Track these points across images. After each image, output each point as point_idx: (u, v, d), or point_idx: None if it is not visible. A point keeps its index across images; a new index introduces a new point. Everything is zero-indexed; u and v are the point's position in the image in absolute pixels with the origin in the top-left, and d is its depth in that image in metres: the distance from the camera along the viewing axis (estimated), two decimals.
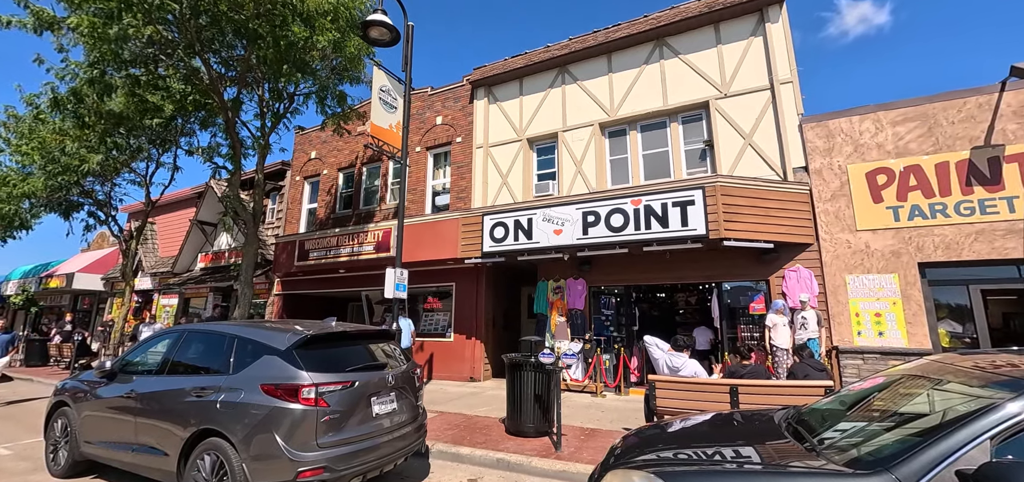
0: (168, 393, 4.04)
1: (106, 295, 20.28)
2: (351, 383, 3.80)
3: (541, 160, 11.90)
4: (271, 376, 3.62)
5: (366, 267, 12.12)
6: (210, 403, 3.71)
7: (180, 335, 4.48)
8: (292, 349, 3.75)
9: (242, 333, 4.05)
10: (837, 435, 2.46)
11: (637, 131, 10.87)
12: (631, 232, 8.75)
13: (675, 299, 12.31)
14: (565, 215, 9.34)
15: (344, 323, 4.88)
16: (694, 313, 12.05)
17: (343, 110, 11.08)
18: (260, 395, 3.56)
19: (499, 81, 12.56)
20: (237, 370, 3.82)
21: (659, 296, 12.39)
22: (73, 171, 10.71)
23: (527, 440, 5.79)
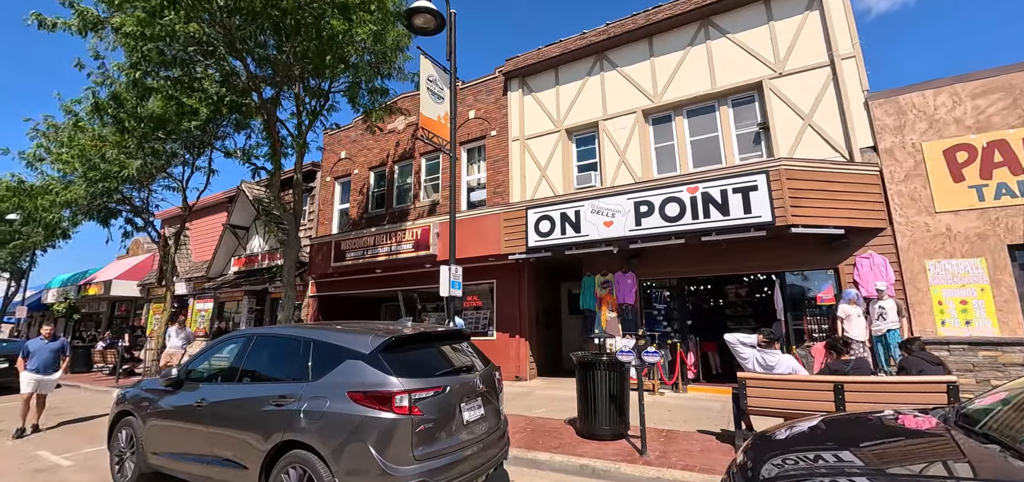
0: (243, 402, 3.79)
1: (142, 301, 20.55)
2: (443, 388, 3.49)
3: (581, 151, 11.50)
4: (359, 383, 3.34)
5: (404, 266, 11.89)
6: (292, 413, 3.44)
7: (248, 340, 4.23)
8: (377, 353, 3.46)
9: (318, 336, 3.78)
10: None
11: (683, 117, 10.39)
12: (688, 221, 8.31)
13: (724, 292, 11.81)
14: (615, 206, 8.94)
15: (420, 324, 4.59)
16: (745, 306, 11.54)
17: (383, 103, 10.87)
18: (348, 404, 3.28)
19: (533, 71, 12.19)
20: (317, 376, 3.55)
21: (705, 289, 11.89)
22: (113, 177, 10.70)
23: (604, 443, 5.44)
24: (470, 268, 11.59)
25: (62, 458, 5.99)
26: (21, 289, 20.60)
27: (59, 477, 5.35)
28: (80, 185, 10.80)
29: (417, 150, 13.76)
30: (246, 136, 11.41)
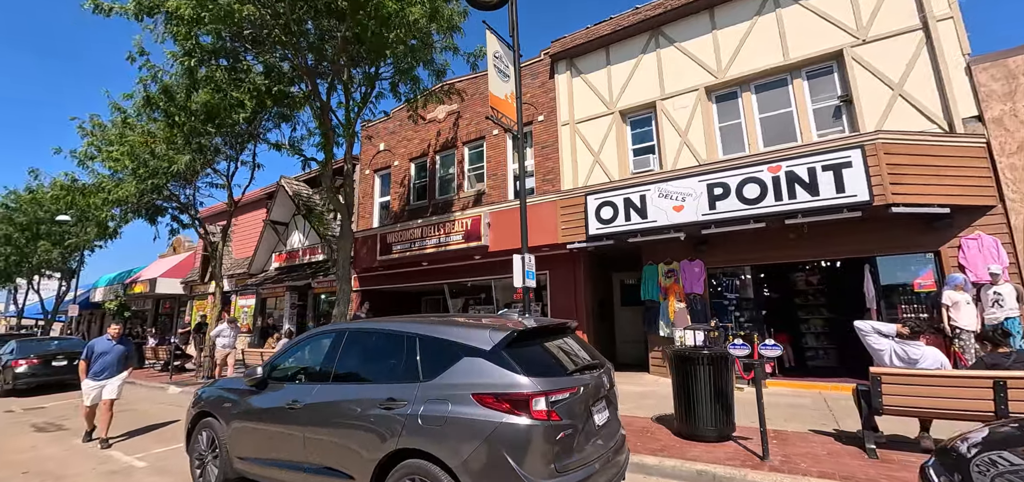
0: (344, 405, 3.43)
1: (186, 298, 20.86)
2: (577, 389, 3.06)
3: (636, 133, 10.91)
4: (486, 384, 2.92)
5: (452, 258, 11.54)
6: (406, 417, 3.05)
7: (339, 337, 3.87)
8: (500, 349, 3.05)
9: (426, 331, 3.38)
10: None
11: (751, 92, 9.69)
12: (770, 204, 7.67)
13: (792, 279, 11.07)
14: (686, 189, 8.35)
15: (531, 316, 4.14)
16: (816, 294, 10.79)
17: (426, 90, 10.49)
18: (475, 408, 2.87)
19: (582, 52, 11.62)
20: (430, 376, 3.16)
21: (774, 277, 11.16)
22: (162, 173, 10.63)
23: (711, 445, 4.95)
24: None
25: (135, 459, 5.82)
26: (72, 288, 21.15)
27: (135, 480, 5.15)
28: (131, 182, 10.77)
29: (459, 139, 13.38)
30: (291, 128, 11.20)
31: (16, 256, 19.93)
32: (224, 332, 11.49)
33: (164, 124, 10.03)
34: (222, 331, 11.52)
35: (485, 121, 12.92)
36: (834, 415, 6.23)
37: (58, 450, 6.36)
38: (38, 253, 19.57)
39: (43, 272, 21.86)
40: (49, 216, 18.79)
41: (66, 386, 12.09)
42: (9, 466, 5.70)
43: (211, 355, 12.31)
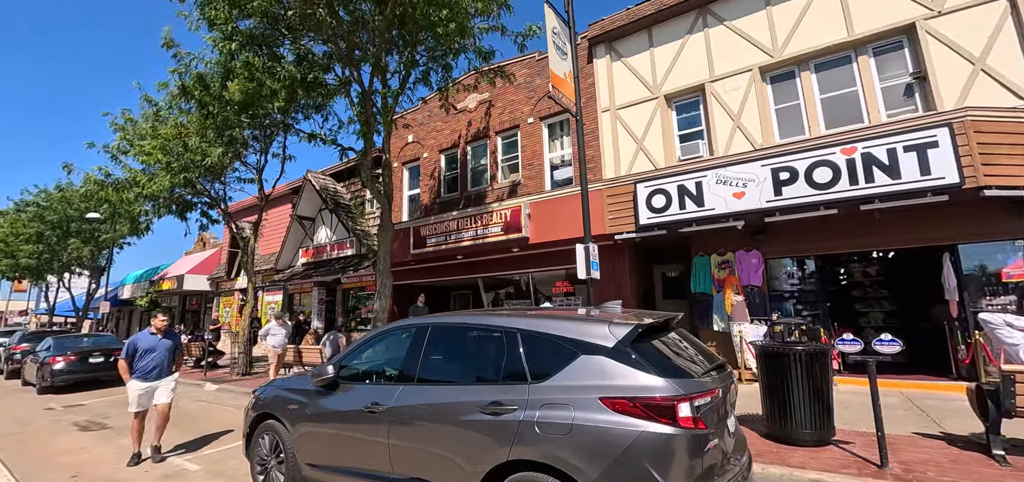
0: (436, 408, 3.07)
1: (212, 295, 20.88)
2: (716, 392, 2.65)
3: (682, 118, 10.39)
4: (616, 386, 2.54)
5: (490, 251, 11.18)
6: (517, 424, 2.68)
7: (421, 332, 3.51)
8: (626, 346, 2.65)
9: (530, 326, 3.00)
10: None
11: (810, 71, 9.11)
12: (844, 188, 7.15)
13: (849, 270, 10.49)
14: (747, 174, 7.85)
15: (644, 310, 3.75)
16: (875, 285, 10.20)
17: (454, 80, 10.13)
18: (606, 414, 2.49)
19: (622, 34, 11.11)
20: (541, 377, 2.78)
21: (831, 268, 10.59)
22: (195, 167, 10.43)
23: (811, 450, 4.51)
24: (560, 251, 10.75)
25: (186, 461, 5.58)
26: (102, 285, 21.33)
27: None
28: (164, 176, 10.60)
29: (492, 129, 12.99)
30: (323, 119, 10.91)
31: (48, 254, 20.15)
32: (273, 330, 11.01)
33: (196, 116, 9.81)
34: (271, 329, 11.08)
35: (519, 109, 12.53)
36: (929, 415, 5.74)
37: (107, 451, 6.16)
38: (69, 250, 19.74)
39: (73, 270, 22.10)
40: (79, 214, 18.93)
41: (102, 383, 12.05)
42: (60, 468, 5.50)
43: (246, 351, 12.15)
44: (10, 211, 21.19)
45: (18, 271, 21.58)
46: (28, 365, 12.76)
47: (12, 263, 20.66)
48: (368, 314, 15.27)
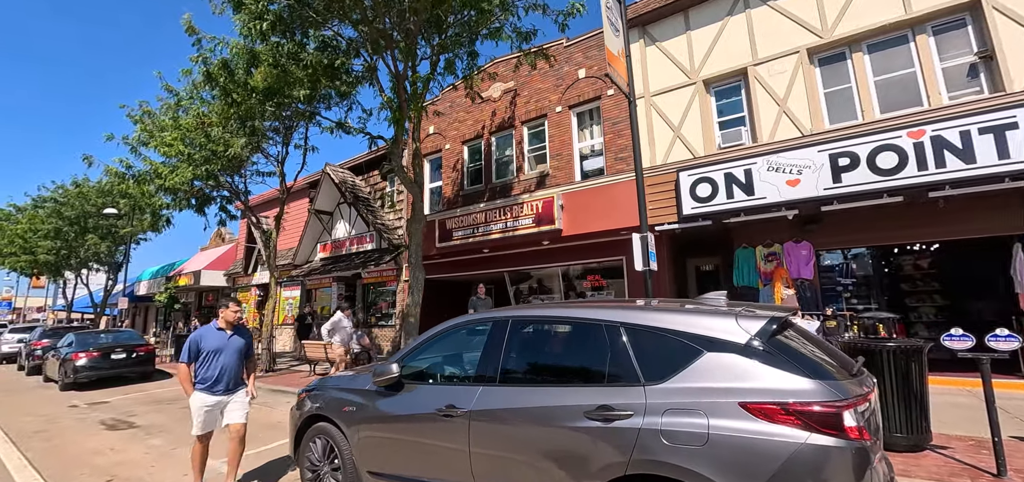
0: (528, 412, 2.72)
1: (229, 290, 20.74)
2: (871, 396, 2.27)
3: (722, 104, 9.93)
4: (759, 389, 2.17)
5: (519, 244, 10.83)
6: (638, 432, 2.32)
7: (500, 327, 3.13)
8: (762, 342, 2.28)
9: (638, 319, 2.64)
10: None
11: (863, 53, 8.61)
12: (910, 174, 6.70)
13: (899, 262, 10.01)
14: (802, 160, 7.42)
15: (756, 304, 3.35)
16: (926, 278, 9.71)
17: (479, 68, 9.77)
18: (752, 422, 2.12)
19: (657, 18, 10.65)
20: (658, 377, 2.42)
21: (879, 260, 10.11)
22: (218, 158, 10.16)
23: (912, 456, 4.13)
24: (594, 244, 10.40)
25: (221, 463, 5.27)
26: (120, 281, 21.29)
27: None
28: (185, 169, 10.34)
29: (517, 118, 12.59)
30: (347, 108, 10.58)
31: (65, 250, 20.11)
32: (342, 323, 9.62)
33: (218, 105, 9.53)
34: (339, 323, 9.60)
35: (546, 98, 12.13)
36: (1016, 417, 5.31)
37: (138, 452, 5.90)
38: (86, 246, 19.68)
39: (91, 266, 22.08)
40: (96, 209, 18.84)
41: (124, 380, 11.90)
42: (93, 471, 5.25)
43: (268, 347, 11.92)
44: (28, 207, 21.21)
45: (36, 267, 21.59)
46: (50, 361, 12.64)
47: (31, 259, 20.66)
48: (388, 309, 15.01)
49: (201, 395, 4.19)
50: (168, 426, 7.28)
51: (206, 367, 4.22)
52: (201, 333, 4.33)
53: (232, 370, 4.28)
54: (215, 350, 4.24)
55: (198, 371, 4.24)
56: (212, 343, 4.26)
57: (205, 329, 4.35)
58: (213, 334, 4.31)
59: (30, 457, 5.83)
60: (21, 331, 19.66)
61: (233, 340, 4.35)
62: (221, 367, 4.22)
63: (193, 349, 4.26)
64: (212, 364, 4.22)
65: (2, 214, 22.20)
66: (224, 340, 4.30)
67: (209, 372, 4.21)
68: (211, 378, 4.20)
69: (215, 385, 4.22)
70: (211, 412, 4.21)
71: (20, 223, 20.87)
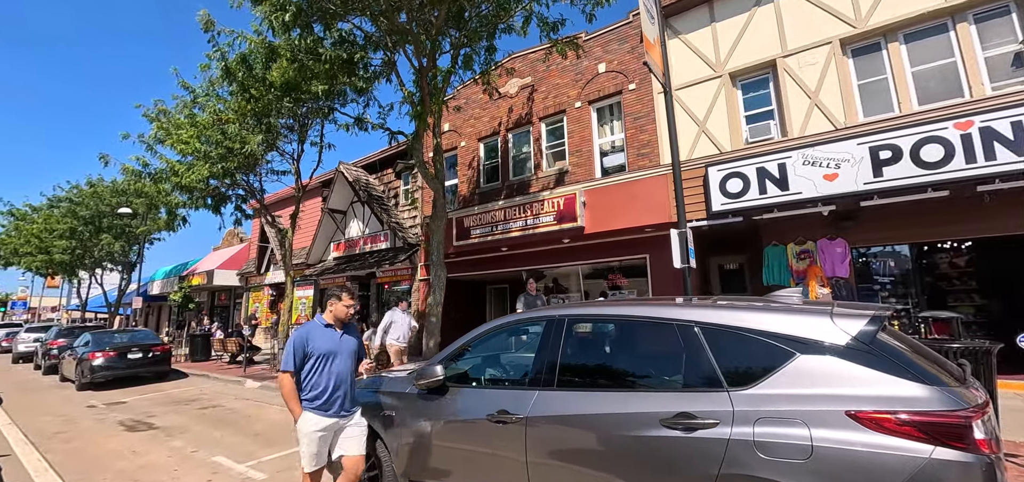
0: (594, 420, 2.51)
1: (242, 290, 20.72)
2: (990, 404, 2.03)
3: (749, 98, 9.64)
4: (870, 397, 1.96)
5: (539, 242, 10.62)
6: (727, 444, 2.11)
7: (556, 326, 2.91)
8: (866, 343, 2.05)
9: (715, 318, 2.42)
10: None
11: (899, 43, 8.30)
12: (957, 167, 6.41)
13: (934, 260, 9.66)
14: (840, 153, 7.14)
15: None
16: (963, 277, 9.36)
17: (497, 63, 9.58)
18: (862, 433, 1.90)
19: (680, 10, 10.37)
20: (745, 382, 2.20)
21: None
22: (235, 155, 10.04)
23: None
24: (616, 242, 10.17)
25: (248, 468, 5.13)
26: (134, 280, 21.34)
27: None
28: (202, 166, 10.24)
29: (535, 115, 12.38)
30: (364, 104, 10.42)
31: (80, 249, 20.19)
32: (397, 319, 8.98)
33: (236, 102, 9.41)
34: (395, 319, 8.98)
35: (565, 93, 11.90)
36: None
37: (160, 455, 5.76)
38: (101, 245, 19.75)
39: (105, 265, 22.17)
40: (110, 209, 18.89)
41: (140, 379, 11.85)
42: (116, 475, 5.11)
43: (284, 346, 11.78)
44: (44, 207, 21.33)
45: (52, 266, 21.71)
46: (66, 361, 12.61)
47: (46, 258, 20.77)
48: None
49: (313, 416, 3.10)
50: (187, 427, 7.16)
51: (315, 377, 3.16)
52: (307, 331, 3.28)
53: (348, 381, 3.26)
54: (326, 354, 3.18)
55: (304, 383, 3.18)
56: (322, 344, 3.20)
57: (310, 326, 3.32)
58: (321, 333, 3.25)
59: (51, 459, 5.71)
60: (37, 330, 19.77)
61: (345, 341, 3.31)
62: (335, 377, 3.17)
63: (298, 351, 3.17)
64: (323, 373, 3.16)
65: (18, 214, 22.36)
66: (335, 341, 3.25)
67: (321, 384, 3.15)
68: (324, 392, 3.14)
69: (330, 402, 3.14)
70: (324, 439, 3.14)
71: (36, 223, 21.00)
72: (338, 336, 3.28)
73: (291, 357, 3.15)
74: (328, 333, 3.27)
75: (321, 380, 3.15)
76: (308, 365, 3.17)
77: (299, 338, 3.22)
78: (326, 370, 3.16)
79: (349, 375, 3.28)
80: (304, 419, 3.12)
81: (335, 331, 3.30)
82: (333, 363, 3.19)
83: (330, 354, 3.19)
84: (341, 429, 3.22)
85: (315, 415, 3.11)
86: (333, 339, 3.25)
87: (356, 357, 3.39)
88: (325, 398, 3.14)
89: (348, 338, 3.33)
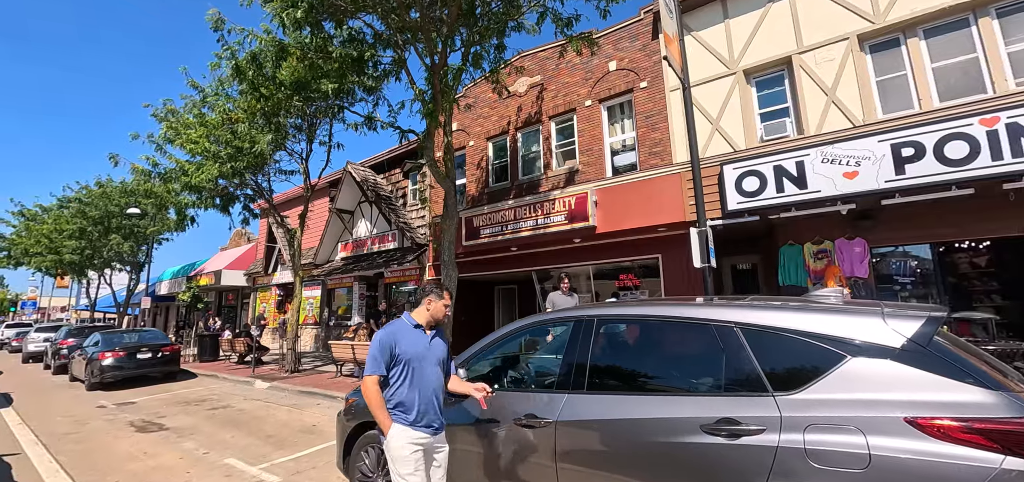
0: (633, 426, 2.40)
1: (249, 290, 20.74)
2: None
3: (763, 96, 9.50)
4: (930, 403, 1.85)
5: (550, 242, 10.52)
6: (775, 451, 2.00)
7: (584, 327, 2.79)
8: (922, 345, 1.94)
9: (757, 318, 2.31)
10: None
11: (919, 38, 8.14)
12: (983, 164, 6.25)
13: (952, 260, 9.47)
14: (860, 151, 6.99)
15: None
16: (983, 278, 9.17)
17: (505, 62, 9.49)
18: (923, 441, 1.79)
19: (692, 6, 10.23)
20: (792, 386, 2.10)
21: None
22: (245, 154, 10.01)
23: None
24: (628, 241, 10.05)
25: (261, 470, 5.05)
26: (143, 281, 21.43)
27: None
28: (211, 166, 10.21)
29: (545, 113, 12.28)
30: (374, 103, 10.36)
31: (89, 250, 20.29)
32: (557, 303, 8.42)
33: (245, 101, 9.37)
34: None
35: (575, 92, 11.80)
36: None
37: (172, 457, 5.71)
38: (110, 245, 19.83)
39: (114, 265, 22.28)
40: (119, 210, 18.97)
41: (149, 379, 11.84)
42: (128, 476, 5.05)
43: (293, 347, 11.75)
44: (54, 207, 21.47)
45: (61, 267, 21.84)
46: (76, 361, 12.64)
47: (56, 258, 20.89)
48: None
49: (404, 430, 2.64)
50: (198, 428, 7.11)
51: (402, 386, 2.69)
52: (395, 330, 2.79)
53: (439, 394, 2.80)
54: (415, 359, 2.72)
55: (387, 393, 2.71)
56: (411, 347, 2.74)
57: (398, 325, 2.83)
58: (409, 334, 2.79)
59: (62, 461, 5.67)
60: (47, 330, 19.88)
61: (436, 345, 2.85)
62: (425, 387, 2.71)
63: (386, 353, 2.69)
64: (412, 381, 2.70)
65: (29, 214, 22.52)
66: (425, 344, 2.79)
67: (409, 394, 2.68)
68: (413, 405, 2.67)
69: (418, 416, 2.67)
70: (421, 459, 2.66)
71: (46, 223, 21.13)
72: (428, 339, 2.82)
73: (379, 359, 2.68)
74: (417, 335, 2.81)
75: (411, 391, 2.68)
76: (393, 371, 2.72)
77: (387, 337, 2.74)
78: (414, 378, 2.70)
79: (440, 387, 2.82)
80: (396, 433, 2.63)
81: (425, 333, 2.84)
82: (423, 371, 2.73)
83: (420, 359, 2.73)
84: (435, 450, 2.77)
85: (412, 430, 2.65)
86: (422, 342, 2.79)
87: (444, 367, 2.90)
88: (414, 412, 2.67)
89: (438, 343, 2.87)
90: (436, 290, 2.92)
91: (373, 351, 2.72)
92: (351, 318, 16.25)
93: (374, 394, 2.64)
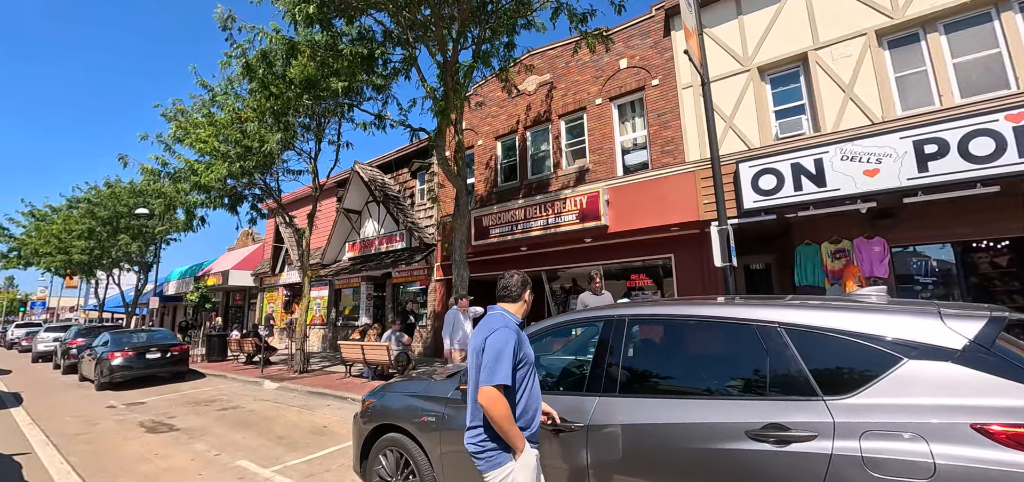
0: (671, 431, 2.29)
1: (256, 290, 20.75)
2: None
3: (778, 93, 9.36)
4: (999, 408, 1.72)
5: (561, 241, 10.41)
6: (829, 459, 1.89)
7: (615, 327, 2.68)
8: (986, 347, 1.82)
9: (805, 319, 2.19)
10: None
11: (939, 33, 7.98)
12: (1010, 160, 6.08)
13: (973, 260, 9.29)
14: (881, 148, 6.84)
15: None
16: (1005, 277, 8.98)
17: (516, 60, 9.40)
18: (991, 449, 1.69)
19: (705, 2, 10.10)
20: (843, 390, 1.99)
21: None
22: (254, 153, 9.97)
23: None
24: (640, 241, 9.93)
25: (275, 473, 4.98)
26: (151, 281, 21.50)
27: None
28: (220, 165, 10.18)
29: (554, 112, 12.18)
30: (384, 101, 10.31)
31: (98, 250, 20.37)
32: (460, 320, 8.24)
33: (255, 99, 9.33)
34: (457, 320, 8.21)
35: (585, 90, 11.69)
36: None
37: (183, 458, 5.65)
38: (118, 245, 19.91)
39: (122, 265, 22.36)
40: (128, 210, 19.03)
41: (157, 379, 11.83)
42: (140, 478, 4.99)
43: (301, 347, 11.70)
44: (63, 207, 21.59)
45: (70, 267, 21.94)
46: (85, 360, 12.65)
47: (65, 259, 20.99)
48: (420, 310, 14.71)
49: (532, 449, 2.23)
50: (208, 429, 7.05)
51: (525, 393, 2.27)
52: (514, 327, 2.28)
53: (539, 397, 2.39)
54: (525, 363, 2.27)
55: (520, 401, 2.24)
56: (529, 348, 2.35)
57: (510, 322, 2.30)
58: (522, 333, 2.36)
59: (73, 462, 5.62)
60: (56, 330, 19.97)
61: (526, 344, 2.38)
62: (537, 394, 2.35)
63: (513, 358, 2.17)
64: (531, 388, 2.30)
65: (38, 215, 22.66)
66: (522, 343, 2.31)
67: (531, 403, 2.29)
68: (534, 417, 2.31)
69: (536, 429, 2.31)
70: None
71: (55, 223, 21.25)
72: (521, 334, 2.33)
73: (509, 365, 2.13)
74: (525, 334, 2.39)
75: (529, 398, 2.26)
76: (524, 375, 2.25)
77: (511, 339, 2.18)
78: (534, 384, 2.31)
79: (537, 387, 2.37)
80: (528, 455, 2.18)
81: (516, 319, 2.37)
82: (536, 375, 2.36)
83: (528, 364, 2.29)
84: (538, 459, 2.30)
85: (533, 448, 2.23)
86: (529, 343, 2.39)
87: None
88: (534, 424, 2.28)
89: (527, 344, 2.37)
90: (528, 281, 2.53)
91: (503, 351, 2.14)
92: (359, 318, 16.20)
93: (505, 407, 2.10)
